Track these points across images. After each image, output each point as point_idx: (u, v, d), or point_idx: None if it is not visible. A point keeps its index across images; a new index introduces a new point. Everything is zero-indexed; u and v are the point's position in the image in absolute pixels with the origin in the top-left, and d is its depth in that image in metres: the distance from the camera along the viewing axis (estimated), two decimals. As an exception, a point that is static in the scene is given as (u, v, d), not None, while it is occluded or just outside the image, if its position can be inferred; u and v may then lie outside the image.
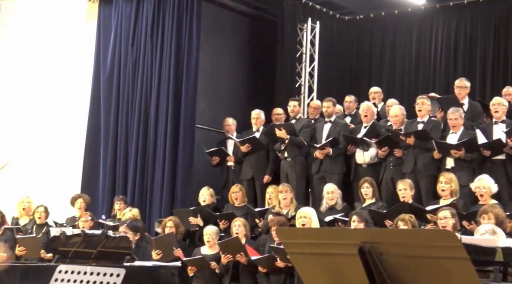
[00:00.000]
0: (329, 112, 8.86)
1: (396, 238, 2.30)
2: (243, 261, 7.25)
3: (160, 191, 9.49)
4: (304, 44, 10.91)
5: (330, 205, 7.93)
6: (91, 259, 6.39)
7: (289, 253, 2.67)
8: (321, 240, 2.44)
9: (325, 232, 2.81)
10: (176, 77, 9.64)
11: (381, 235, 2.37)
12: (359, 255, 2.28)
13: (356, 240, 2.29)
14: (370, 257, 2.27)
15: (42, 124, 10.89)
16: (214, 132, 10.16)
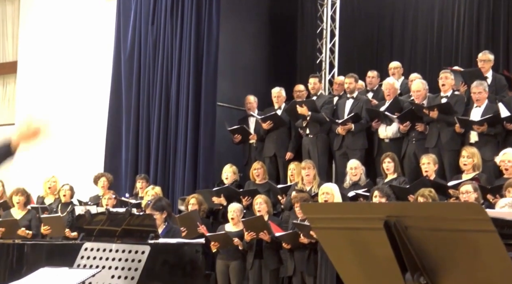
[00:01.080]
0: (351, 88, 8.81)
1: (422, 211, 2.29)
2: (267, 238, 7.28)
3: (183, 169, 9.52)
4: (325, 20, 10.82)
5: (354, 181, 7.91)
6: (115, 237, 6.43)
7: (314, 228, 2.66)
8: (346, 215, 2.42)
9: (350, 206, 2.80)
10: (196, 55, 9.62)
11: (406, 208, 2.35)
12: (385, 229, 2.26)
13: (381, 214, 2.28)
14: (396, 231, 2.26)
15: (64, 104, 10.96)
16: (236, 110, 10.15)
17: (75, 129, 10.79)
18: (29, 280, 3.95)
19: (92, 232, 6.55)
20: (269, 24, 11.02)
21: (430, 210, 2.27)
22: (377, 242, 2.29)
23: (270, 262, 7.44)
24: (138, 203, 8.39)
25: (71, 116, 10.86)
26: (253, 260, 7.47)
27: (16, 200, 8.35)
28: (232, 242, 7.43)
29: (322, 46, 10.81)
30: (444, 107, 7.80)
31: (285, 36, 10.91)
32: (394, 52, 10.99)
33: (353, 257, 2.44)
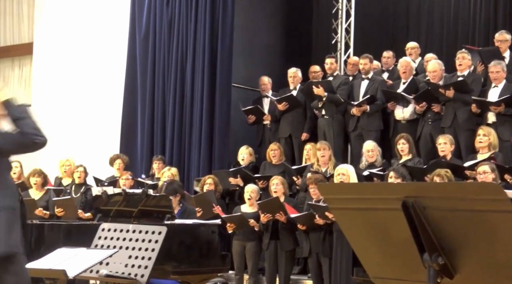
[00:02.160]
0: (366, 69, 8.76)
1: (441, 191, 2.28)
2: (283, 219, 7.29)
3: (198, 150, 9.54)
4: (340, 0, 10.74)
5: (370, 162, 7.89)
6: (132, 217, 6.48)
7: (331, 208, 2.67)
8: (363, 195, 2.42)
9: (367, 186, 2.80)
10: (211, 36, 9.60)
11: (424, 189, 2.34)
12: (402, 209, 2.26)
13: (399, 195, 2.27)
14: (414, 211, 2.25)
15: (80, 86, 10.99)
16: (250, 91, 10.14)
17: (90, 110, 10.82)
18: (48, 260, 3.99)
19: (108, 213, 6.60)
20: (284, 4, 10.97)
21: (449, 191, 2.27)
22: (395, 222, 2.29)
23: (286, 243, 7.46)
24: (155, 184, 8.43)
25: (87, 97, 10.89)
26: (269, 241, 7.49)
27: (34, 181, 8.42)
28: (248, 223, 7.45)
29: (338, 26, 10.74)
30: (460, 85, 7.74)
31: (300, 16, 10.85)
32: (410, 32, 10.91)
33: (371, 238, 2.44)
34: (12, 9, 12.19)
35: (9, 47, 12.15)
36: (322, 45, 10.67)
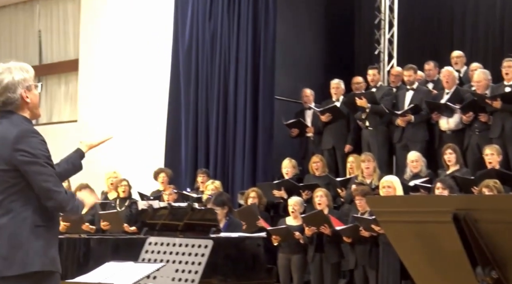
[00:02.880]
0: (410, 80, 8.69)
1: (494, 204, 2.23)
2: (327, 232, 7.25)
3: (242, 163, 9.56)
4: (383, 10, 10.67)
5: (414, 173, 7.80)
6: (178, 231, 6.51)
7: (380, 221, 2.64)
8: (413, 208, 2.39)
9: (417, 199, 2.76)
10: (254, 49, 9.64)
11: (476, 201, 2.30)
12: (454, 222, 2.22)
13: (449, 207, 2.24)
14: (465, 224, 2.22)
15: (124, 100, 11.12)
16: (293, 103, 10.13)
17: (135, 124, 10.94)
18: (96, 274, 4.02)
19: (154, 226, 6.64)
20: (326, 16, 10.96)
21: (502, 203, 2.22)
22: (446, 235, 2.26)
23: (331, 256, 7.41)
24: (199, 197, 8.46)
25: (131, 111, 11.02)
26: (314, 254, 7.46)
27: (80, 196, 8.52)
28: (293, 236, 7.42)
29: (380, 37, 10.67)
30: (507, 97, 7.61)
31: (342, 28, 10.83)
32: (455, 41, 10.77)
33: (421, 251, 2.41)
34: (58, 26, 12.43)
35: (55, 64, 12.38)
36: (365, 56, 10.62)
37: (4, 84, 3.23)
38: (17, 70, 3.27)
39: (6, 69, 3.27)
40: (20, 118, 3.28)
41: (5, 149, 3.18)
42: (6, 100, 3.24)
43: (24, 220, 3.20)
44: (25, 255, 3.17)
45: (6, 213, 3.20)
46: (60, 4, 12.41)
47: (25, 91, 3.26)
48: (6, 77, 3.23)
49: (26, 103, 3.27)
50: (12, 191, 3.20)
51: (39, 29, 12.67)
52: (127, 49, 11.21)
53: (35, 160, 3.16)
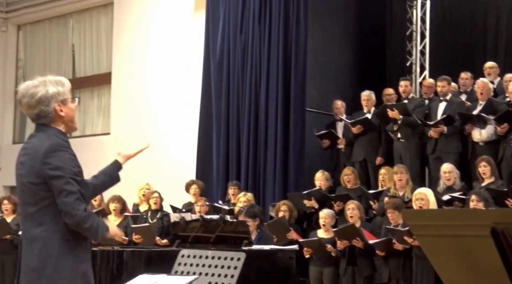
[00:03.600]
0: (444, 91, 8.62)
1: (533, 218, 2.20)
2: (360, 245, 7.20)
3: (273, 175, 9.54)
4: (414, 22, 10.63)
5: (448, 185, 7.72)
6: (210, 243, 6.52)
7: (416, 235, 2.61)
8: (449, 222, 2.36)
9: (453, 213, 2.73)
10: (285, 61, 9.65)
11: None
12: (492, 236, 2.19)
13: (488, 221, 2.21)
14: (504, 239, 2.18)
15: (157, 113, 11.20)
16: (324, 115, 10.11)
17: (167, 137, 11.00)
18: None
19: (187, 238, 6.66)
20: (357, 27, 10.94)
21: (542, 217, 2.19)
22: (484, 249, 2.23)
23: (363, 269, 7.36)
24: (231, 209, 8.47)
25: (163, 124, 11.09)
26: (346, 267, 7.40)
27: (113, 207, 8.60)
28: (325, 248, 7.39)
29: (412, 48, 10.62)
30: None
31: (373, 39, 10.80)
32: (488, 52, 10.67)
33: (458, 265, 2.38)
34: (92, 40, 12.59)
35: (88, 78, 12.53)
36: (396, 67, 10.57)
37: (38, 97, 3.26)
38: (52, 83, 3.30)
39: (42, 82, 3.30)
40: (55, 131, 3.30)
41: (36, 162, 3.22)
42: (39, 113, 3.28)
43: (55, 234, 3.22)
44: (54, 269, 3.19)
45: (38, 225, 3.23)
46: (93, 18, 12.58)
47: (59, 104, 3.29)
48: (40, 91, 3.27)
49: (61, 117, 3.30)
50: (43, 204, 3.23)
51: (72, 43, 12.84)
52: (159, 62, 11.31)
53: (61, 174, 3.18)
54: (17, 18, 13.33)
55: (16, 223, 9.04)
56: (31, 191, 3.25)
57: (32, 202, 3.25)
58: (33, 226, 3.25)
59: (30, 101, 3.26)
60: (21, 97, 3.29)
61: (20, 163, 3.33)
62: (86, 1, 12.36)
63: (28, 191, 3.26)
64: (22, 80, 13.45)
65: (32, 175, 3.22)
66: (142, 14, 11.58)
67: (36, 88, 3.27)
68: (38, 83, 3.29)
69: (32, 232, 3.25)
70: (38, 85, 3.28)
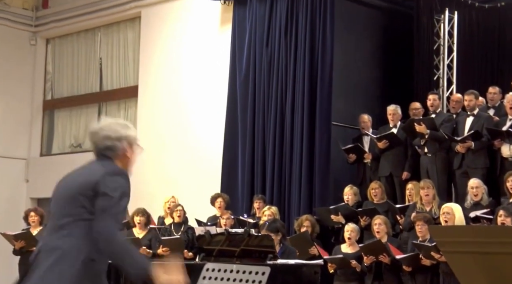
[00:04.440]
0: (471, 106, 8.54)
1: None
2: (386, 261, 7.15)
3: (298, 189, 9.52)
4: (442, 36, 10.55)
5: (475, 201, 7.64)
6: (234, 257, 6.51)
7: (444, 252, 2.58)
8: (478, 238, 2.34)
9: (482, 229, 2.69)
10: (310, 75, 9.64)
11: (545, 232, 2.23)
12: (521, 253, 2.15)
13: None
14: (533, 256, 2.15)
15: (182, 126, 11.25)
16: (350, 129, 10.07)
17: (193, 150, 11.04)
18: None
19: (211, 252, 6.65)
20: (383, 41, 10.90)
21: None
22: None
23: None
24: (256, 223, 8.46)
25: (189, 137, 11.13)
26: (372, 282, 7.34)
27: (137, 220, 8.64)
28: (349, 264, 7.34)
29: (440, 62, 10.55)
30: None
31: (400, 53, 10.75)
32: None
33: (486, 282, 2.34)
34: (119, 54, 12.71)
35: (115, 91, 12.62)
36: (423, 81, 10.50)
37: (119, 134, 3.44)
38: (129, 128, 3.53)
39: (123, 125, 3.53)
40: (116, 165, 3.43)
41: (95, 177, 3.28)
42: (111, 146, 3.42)
43: (80, 251, 3.21)
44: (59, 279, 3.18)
45: (67, 237, 3.22)
46: (120, 32, 12.69)
47: (129, 146, 3.47)
48: (122, 130, 3.47)
49: (125, 157, 3.47)
50: (80, 217, 3.24)
51: (100, 57, 12.96)
52: (185, 75, 11.37)
53: (116, 197, 3.24)
54: (46, 31, 13.49)
55: None
56: (75, 202, 3.27)
57: (68, 213, 3.27)
58: (59, 238, 3.23)
59: (110, 134, 3.43)
60: (100, 130, 3.46)
61: (72, 175, 3.43)
62: (114, 15, 12.47)
63: (71, 202, 3.28)
64: (50, 92, 13.63)
65: (87, 187, 3.27)
66: (169, 28, 11.66)
67: (119, 126, 3.49)
68: (121, 123, 3.53)
69: (55, 243, 3.23)
70: (120, 124, 3.51)
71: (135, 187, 3.86)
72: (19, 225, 10.52)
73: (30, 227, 9.31)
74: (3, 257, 10.38)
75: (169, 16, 11.66)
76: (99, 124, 3.52)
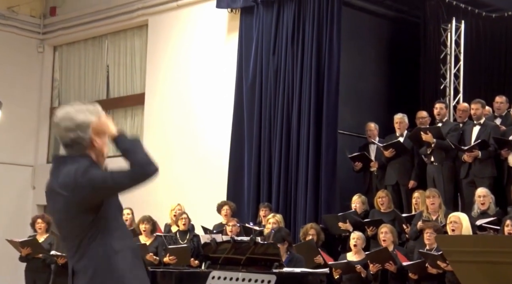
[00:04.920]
0: (477, 115, 8.54)
1: None
2: (392, 269, 7.15)
3: (304, 197, 9.52)
4: (449, 45, 10.57)
5: (482, 210, 7.63)
6: (240, 265, 6.52)
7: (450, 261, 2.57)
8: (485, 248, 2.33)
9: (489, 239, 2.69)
10: (317, 83, 9.66)
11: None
12: (528, 263, 2.15)
13: (524, 248, 2.17)
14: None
15: (188, 134, 11.28)
16: (356, 138, 10.08)
17: (199, 157, 11.06)
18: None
19: (217, 260, 6.67)
20: (390, 50, 10.93)
21: None
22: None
23: (395, 293, 7.29)
24: (261, 231, 8.46)
25: (195, 145, 11.15)
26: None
27: (143, 228, 8.65)
28: (354, 269, 7.35)
29: (446, 71, 10.55)
30: None
31: (406, 62, 10.77)
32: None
33: (493, 292, 2.34)
34: (126, 61, 12.76)
35: (122, 98, 12.66)
36: (430, 91, 10.51)
37: (77, 122, 3.16)
38: (90, 112, 3.19)
39: (82, 109, 3.19)
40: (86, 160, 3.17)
41: (70, 193, 3.10)
42: (76, 138, 3.15)
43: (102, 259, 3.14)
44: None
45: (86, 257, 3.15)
46: (127, 39, 12.75)
47: (94, 134, 3.16)
48: (80, 117, 3.16)
49: (94, 147, 3.17)
50: (87, 235, 3.14)
51: (107, 64, 13.02)
52: (191, 83, 11.40)
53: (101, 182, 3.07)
54: (53, 39, 13.56)
55: (49, 242, 9.13)
56: (71, 221, 3.17)
57: (73, 234, 3.20)
58: (79, 260, 3.19)
59: (69, 125, 3.15)
60: (60, 121, 3.18)
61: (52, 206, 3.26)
62: (121, 23, 12.53)
63: (68, 222, 3.18)
64: (57, 100, 13.69)
65: (70, 204, 3.11)
66: (175, 36, 11.71)
67: (80, 113, 3.17)
68: (78, 109, 3.19)
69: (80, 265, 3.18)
70: (78, 111, 3.18)
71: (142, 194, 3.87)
72: (25, 231, 10.56)
73: (37, 234, 9.33)
74: (10, 263, 10.40)
75: (176, 24, 11.71)
76: (59, 114, 3.21)
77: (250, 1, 10.43)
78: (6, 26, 13.05)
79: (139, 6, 12.08)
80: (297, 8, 9.97)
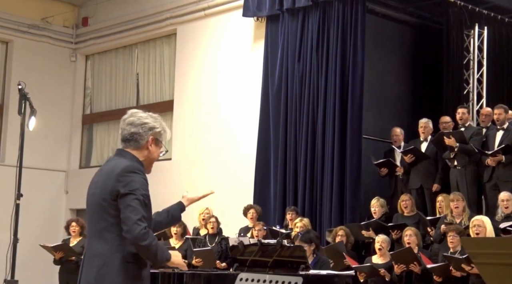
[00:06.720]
0: (501, 119, 8.61)
1: None
2: (417, 270, 7.23)
3: (330, 201, 9.63)
4: (471, 51, 10.64)
5: (506, 213, 7.71)
6: (267, 267, 6.67)
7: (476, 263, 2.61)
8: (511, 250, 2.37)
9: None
10: (342, 89, 9.78)
11: None
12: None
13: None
14: None
15: (216, 139, 11.46)
16: (381, 142, 10.18)
17: (226, 162, 11.25)
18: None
19: (244, 262, 6.83)
20: (413, 56, 11.02)
21: None
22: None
23: (420, 295, 7.39)
24: (288, 234, 8.62)
25: (223, 150, 11.34)
26: (402, 293, 7.45)
27: (174, 231, 8.87)
28: (378, 272, 7.45)
29: (469, 77, 10.63)
30: None
31: (430, 68, 10.86)
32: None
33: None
34: (155, 69, 13.01)
35: (151, 105, 12.89)
36: (453, 96, 10.59)
37: (142, 121, 3.49)
38: (158, 121, 3.55)
39: (153, 116, 3.55)
40: (134, 158, 3.46)
41: (111, 180, 3.36)
42: (134, 133, 3.46)
43: (117, 252, 3.33)
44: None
45: (103, 242, 3.35)
46: (157, 48, 12.99)
47: (153, 140, 3.49)
48: (149, 120, 3.51)
49: (147, 150, 3.48)
50: (111, 222, 3.34)
51: (137, 72, 13.27)
52: (218, 90, 11.60)
53: (131, 193, 3.30)
54: (85, 48, 13.86)
55: (82, 245, 9.38)
56: (102, 209, 3.37)
57: (100, 220, 3.37)
58: (97, 242, 3.37)
59: (134, 120, 3.47)
60: (128, 116, 3.50)
61: (95, 182, 3.49)
62: (150, 32, 12.78)
63: (99, 209, 3.38)
64: (89, 107, 14.00)
65: (106, 192, 3.35)
66: (203, 44, 11.91)
67: (149, 117, 3.52)
68: (149, 115, 3.54)
69: (95, 248, 3.38)
70: (148, 116, 3.53)
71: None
72: (59, 234, 10.81)
73: (71, 236, 9.58)
74: (45, 266, 10.67)
75: (203, 33, 11.92)
76: (129, 112, 3.56)
77: (275, 10, 10.60)
78: (41, 37, 13.40)
79: (168, 15, 12.32)
80: (321, 15, 10.11)
